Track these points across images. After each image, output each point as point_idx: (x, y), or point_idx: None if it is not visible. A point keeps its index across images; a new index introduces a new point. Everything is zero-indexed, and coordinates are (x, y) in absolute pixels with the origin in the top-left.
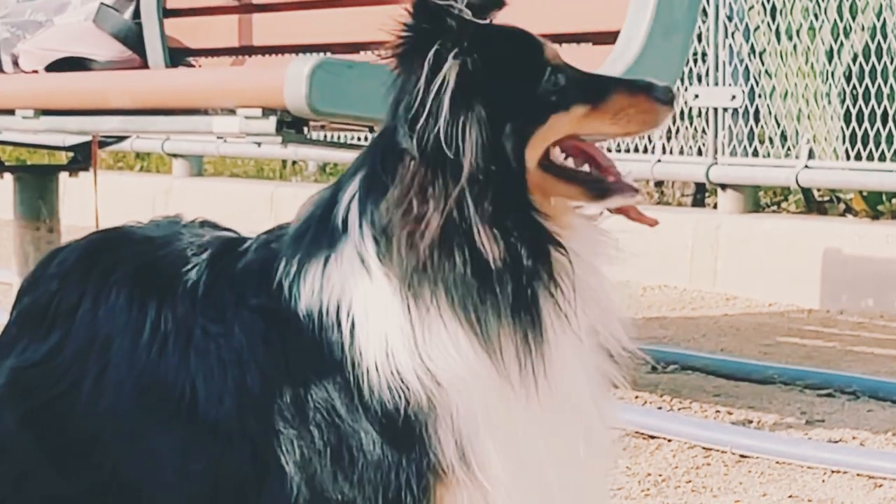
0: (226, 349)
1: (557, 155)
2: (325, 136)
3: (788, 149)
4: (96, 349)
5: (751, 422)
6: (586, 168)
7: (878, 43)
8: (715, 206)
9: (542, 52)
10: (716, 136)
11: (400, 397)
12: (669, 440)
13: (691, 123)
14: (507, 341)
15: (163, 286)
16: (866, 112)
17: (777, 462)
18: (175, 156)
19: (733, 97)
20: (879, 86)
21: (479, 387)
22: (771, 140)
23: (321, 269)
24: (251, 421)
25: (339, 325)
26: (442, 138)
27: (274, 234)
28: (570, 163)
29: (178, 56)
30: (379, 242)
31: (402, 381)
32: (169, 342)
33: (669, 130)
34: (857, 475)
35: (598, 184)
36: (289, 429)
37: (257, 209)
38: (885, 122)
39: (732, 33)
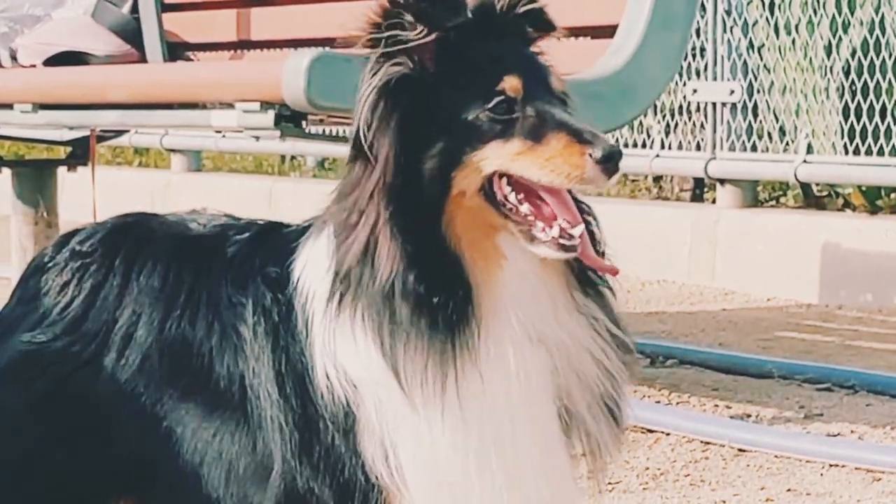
0: (240, 318)
1: (503, 187)
2: (324, 131)
3: (787, 143)
4: (123, 322)
5: (749, 416)
6: (526, 209)
7: (877, 38)
8: (713, 201)
9: (500, 78)
10: (714, 130)
11: (331, 394)
12: (668, 434)
13: (690, 118)
14: (409, 360)
15: (202, 260)
16: (865, 107)
17: (775, 456)
18: (173, 151)
19: (732, 92)
20: (878, 80)
21: (388, 398)
22: (769, 135)
23: (308, 253)
24: (249, 392)
25: (305, 316)
26: (364, 142)
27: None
28: (513, 198)
29: (176, 50)
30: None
31: (328, 379)
32: (200, 312)
33: (668, 125)
34: (856, 469)
35: (527, 229)
36: (273, 404)
37: (256, 204)
38: (883, 117)
39: (731, 28)
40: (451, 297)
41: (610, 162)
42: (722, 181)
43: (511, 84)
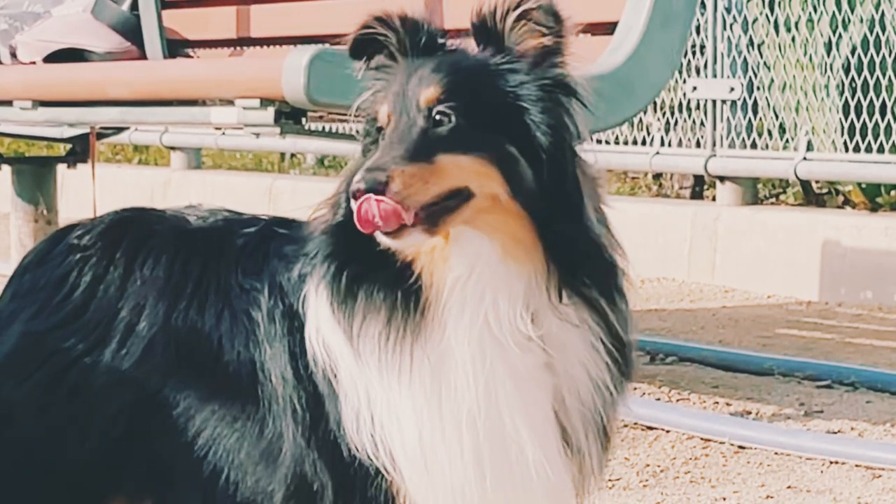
0: (253, 304)
1: None
2: (324, 128)
3: (787, 141)
4: (126, 313)
5: (749, 413)
6: None
7: (877, 35)
8: (713, 199)
9: (376, 118)
10: (714, 128)
11: (314, 360)
12: (668, 431)
13: (690, 115)
14: (364, 334)
15: (210, 252)
16: (865, 104)
17: (775, 453)
18: (173, 148)
19: (732, 89)
20: (878, 78)
21: (356, 369)
22: (769, 132)
23: None
24: (260, 376)
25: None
26: None
27: None
28: None
29: (176, 47)
30: None
31: (314, 352)
32: (209, 301)
33: (668, 122)
34: (856, 466)
35: None
36: (287, 385)
37: (256, 201)
38: (883, 114)
39: (731, 25)
40: (388, 281)
41: (353, 200)
42: (722, 178)
43: (381, 114)
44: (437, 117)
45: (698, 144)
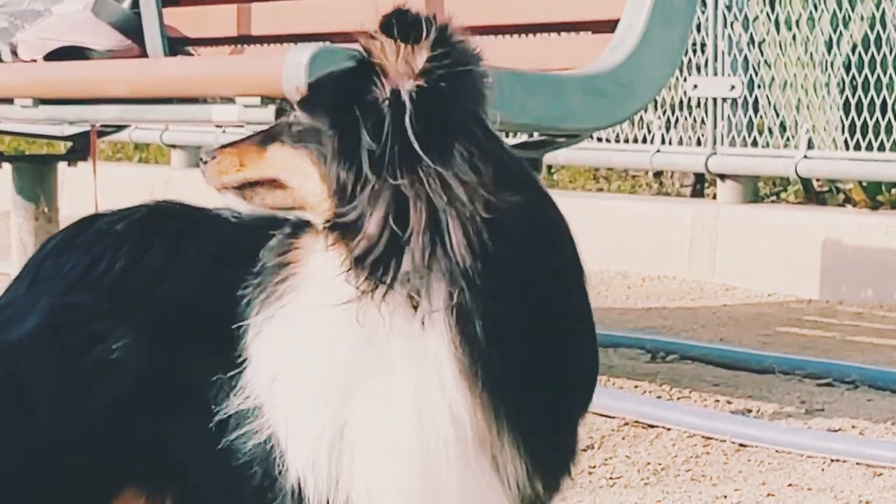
0: None
1: None
2: None
3: (788, 139)
4: (168, 288)
5: (750, 411)
6: None
7: (878, 33)
8: (714, 197)
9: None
10: (715, 126)
11: None
12: (669, 429)
13: (690, 114)
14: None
15: (258, 239)
16: (865, 102)
17: (776, 451)
18: (174, 146)
19: (732, 87)
20: (878, 75)
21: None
22: (770, 130)
23: None
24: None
25: None
26: None
27: None
28: None
29: (176, 45)
30: None
31: None
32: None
33: (669, 121)
34: (857, 464)
35: None
36: None
37: None
38: (884, 112)
39: (731, 23)
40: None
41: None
42: (722, 176)
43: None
44: (295, 114)
45: (699, 142)
